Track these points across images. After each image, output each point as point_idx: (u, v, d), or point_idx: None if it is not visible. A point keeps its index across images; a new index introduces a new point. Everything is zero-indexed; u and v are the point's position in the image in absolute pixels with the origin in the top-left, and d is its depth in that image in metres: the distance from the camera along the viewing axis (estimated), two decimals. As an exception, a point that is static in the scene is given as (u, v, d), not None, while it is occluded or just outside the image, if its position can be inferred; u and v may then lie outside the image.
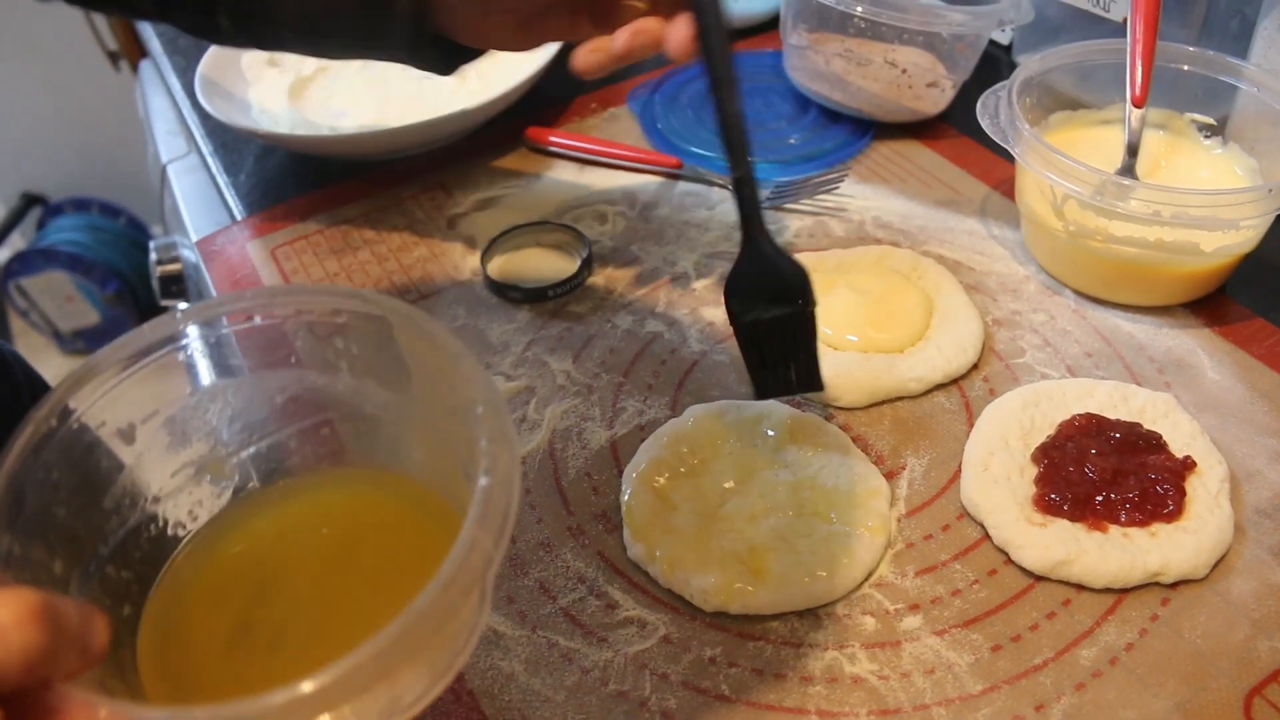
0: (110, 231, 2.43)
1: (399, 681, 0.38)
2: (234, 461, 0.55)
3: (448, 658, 0.41)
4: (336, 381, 0.54)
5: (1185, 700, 0.55)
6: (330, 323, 0.51)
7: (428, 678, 0.40)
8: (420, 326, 0.48)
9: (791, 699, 0.56)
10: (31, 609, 0.33)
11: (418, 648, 0.38)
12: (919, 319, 0.74)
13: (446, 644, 0.41)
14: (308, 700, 0.36)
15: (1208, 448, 0.65)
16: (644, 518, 0.63)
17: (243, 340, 0.51)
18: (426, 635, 0.38)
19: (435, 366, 0.48)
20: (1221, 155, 0.83)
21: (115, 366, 0.48)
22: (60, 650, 0.34)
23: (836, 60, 0.95)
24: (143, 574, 0.51)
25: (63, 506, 0.46)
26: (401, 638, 0.37)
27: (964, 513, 0.65)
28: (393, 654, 0.37)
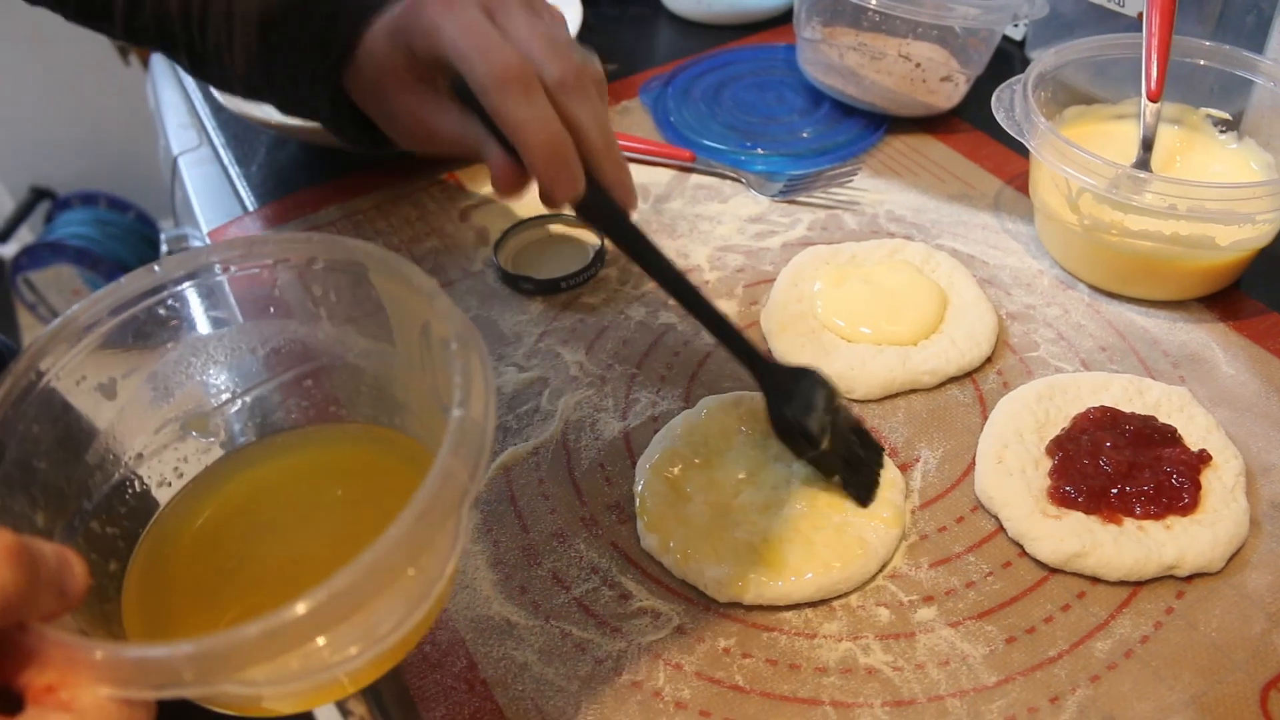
0: (118, 226, 2.43)
1: (375, 610, 0.38)
2: (218, 417, 0.55)
3: (423, 587, 0.41)
4: (317, 330, 0.54)
5: (1200, 693, 0.55)
6: (308, 269, 0.51)
7: (403, 607, 0.40)
8: (393, 267, 0.48)
9: (806, 690, 0.56)
10: (5, 548, 0.33)
11: (393, 575, 0.37)
12: (932, 312, 0.74)
13: (422, 573, 0.41)
14: (284, 628, 0.35)
15: (1223, 441, 0.65)
16: (657, 508, 0.63)
17: (222, 292, 0.51)
18: (402, 563, 0.38)
19: (411, 307, 0.48)
20: (1237, 150, 0.83)
21: (95, 320, 0.48)
22: (36, 590, 0.34)
23: (850, 54, 0.94)
24: (128, 530, 0.51)
25: (44, 459, 0.46)
26: (376, 565, 0.37)
27: (978, 505, 0.65)
28: (368, 581, 0.36)
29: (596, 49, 1.10)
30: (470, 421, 0.41)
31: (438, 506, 0.38)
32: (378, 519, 0.49)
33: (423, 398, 0.51)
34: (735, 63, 1.09)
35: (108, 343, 0.49)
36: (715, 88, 1.05)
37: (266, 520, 0.53)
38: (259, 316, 0.53)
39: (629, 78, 1.07)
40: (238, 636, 0.35)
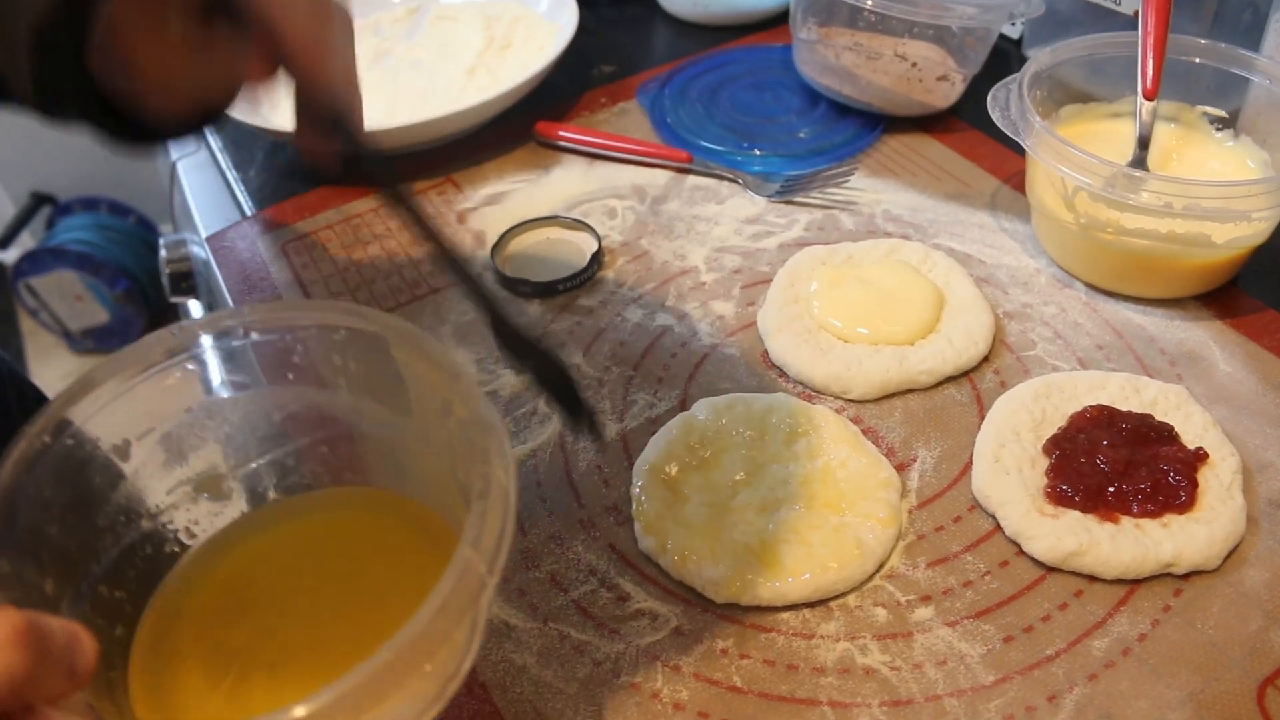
0: (119, 230, 2.43)
1: (389, 708, 0.38)
2: (231, 480, 0.54)
3: (439, 685, 0.40)
4: (335, 399, 0.53)
5: (1198, 690, 0.55)
6: (328, 339, 0.50)
7: (419, 704, 0.40)
8: (417, 344, 0.48)
9: (803, 690, 0.56)
10: (14, 630, 0.33)
11: (408, 673, 0.37)
12: (929, 311, 0.74)
13: (438, 670, 0.40)
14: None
15: (1220, 439, 0.65)
16: (655, 510, 0.63)
17: (241, 357, 0.51)
18: (418, 661, 0.37)
19: (433, 384, 0.48)
20: (1233, 148, 0.83)
21: (112, 381, 0.47)
22: (45, 672, 0.34)
23: (846, 54, 0.94)
24: (136, 594, 0.50)
25: (55, 524, 0.46)
26: (392, 663, 0.36)
27: (975, 504, 0.65)
28: (383, 680, 0.36)
29: (593, 50, 1.10)
30: (490, 513, 0.40)
31: (454, 602, 0.38)
32: (394, 592, 0.49)
33: (439, 472, 0.50)
34: (732, 63, 1.09)
35: (124, 403, 0.48)
36: (712, 89, 1.05)
37: (277, 590, 0.52)
38: (277, 383, 0.53)
39: (626, 79, 1.07)
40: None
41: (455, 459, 0.47)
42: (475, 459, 0.42)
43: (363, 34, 1.10)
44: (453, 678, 0.41)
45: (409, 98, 1.01)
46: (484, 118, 0.95)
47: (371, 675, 0.36)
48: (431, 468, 0.52)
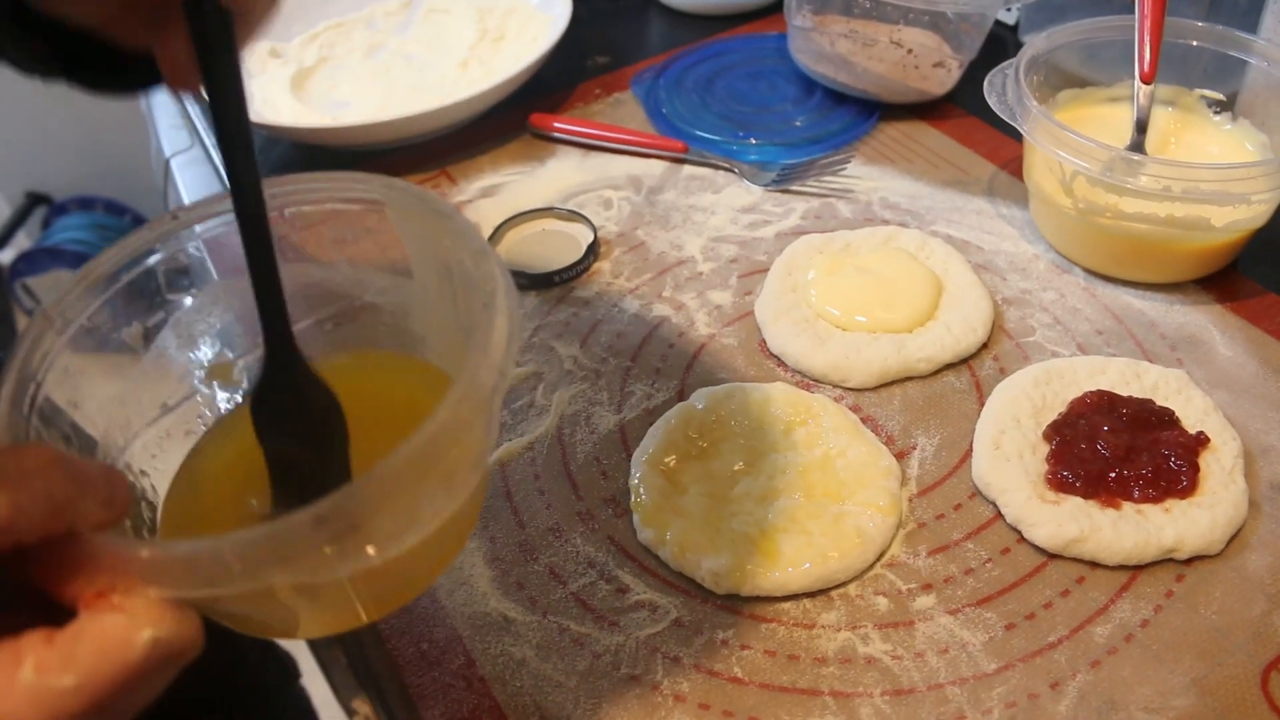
0: (115, 230, 2.42)
1: (421, 493, 0.39)
2: (240, 365, 0.54)
3: (463, 474, 0.42)
4: (335, 272, 0.54)
5: (1201, 676, 0.55)
6: (325, 212, 0.50)
7: (443, 495, 0.41)
8: (411, 198, 0.48)
9: (805, 680, 0.56)
10: (51, 455, 0.34)
11: (438, 455, 0.39)
12: (927, 299, 0.74)
13: (461, 459, 0.41)
14: (331, 516, 0.36)
15: (1221, 423, 0.65)
16: (654, 501, 0.63)
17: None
18: (445, 443, 0.39)
19: (432, 239, 0.49)
20: (1231, 131, 0.83)
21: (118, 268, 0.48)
22: (83, 496, 0.34)
23: (841, 41, 0.94)
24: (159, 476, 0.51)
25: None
26: (422, 445, 0.38)
27: (975, 491, 0.64)
28: (411, 467, 0.38)
29: (587, 41, 1.10)
30: (498, 319, 0.42)
31: (474, 393, 0.40)
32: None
33: (443, 326, 0.51)
34: (727, 53, 1.09)
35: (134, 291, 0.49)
36: (707, 78, 1.04)
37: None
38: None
39: (621, 69, 1.07)
40: (287, 523, 0.35)
41: (458, 307, 0.48)
42: (477, 290, 0.44)
43: (356, 27, 1.10)
44: (474, 468, 0.42)
45: (402, 91, 1.01)
46: (478, 110, 0.95)
47: (400, 464, 0.37)
48: (435, 324, 0.53)
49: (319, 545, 0.36)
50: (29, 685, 0.32)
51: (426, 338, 0.54)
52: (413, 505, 0.39)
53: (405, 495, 0.38)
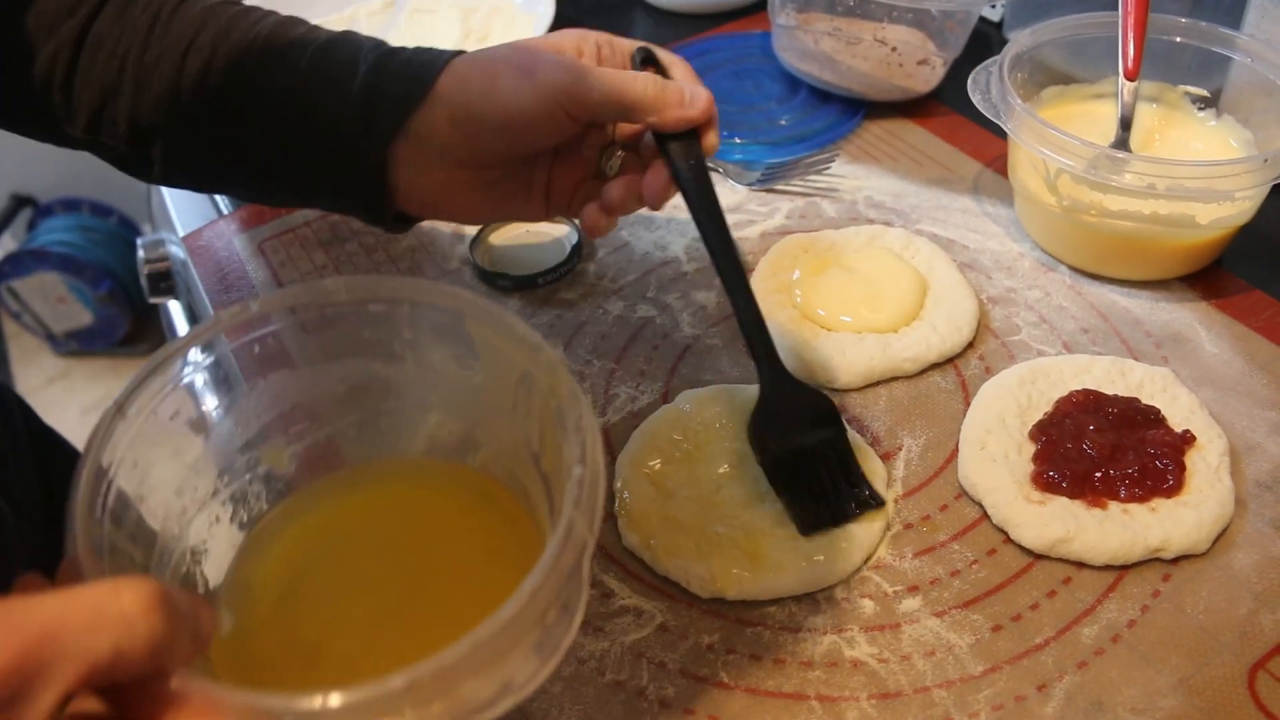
0: (101, 231, 2.41)
1: (513, 659, 0.39)
2: (291, 452, 0.55)
3: (555, 639, 0.41)
4: (400, 372, 0.54)
5: (1189, 676, 0.55)
6: (400, 312, 0.51)
7: (536, 660, 0.41)
8: (494, 317, 0.49)
9: (791, 684, 0.56)
10: (154, 595, 0.34)
11: (530, 628, 0.39)
12: (913, 298, 0.74)
13: (554, 626, 0.41)
14: (434, 676, 0.36)
15: (1207, 421, 0.65)
16: (638, 505, 0.62)
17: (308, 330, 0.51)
18: (538, 615, 0.39)
19: (509, 357, 0.49)
20: (1215, 127, 0.83)
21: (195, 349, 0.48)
22: (178, 637, 0.35)
23: (826, 39, 0.94)
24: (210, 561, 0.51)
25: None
26: (518, 616, 0.38)
27: (962, 492, 0.64)
28: (510, 633, 0.38)
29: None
30: (589, 477, 0.42)
31: (567, 556, 0.40)
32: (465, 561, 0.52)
33: (510, 441, 0.52)
34: (711, 51, 1.08)
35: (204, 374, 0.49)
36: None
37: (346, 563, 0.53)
38: (344, 355, 0.53)
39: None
40: (384, 687, 0.35)
41: (531, 428, 0.50)
42: (566, 428, 0.44)
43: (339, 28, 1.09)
44: (566, 633, 0.42)
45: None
46: (461, 111, 0.94)
47: (499, 626, 0.37)
48: (501, 437, 0.53)
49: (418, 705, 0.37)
50: None
51: (488, 446, 0.55)
52: (507, 670, 0.39)
53: (500, 661, 0.38)
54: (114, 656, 0.33)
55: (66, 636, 0.32)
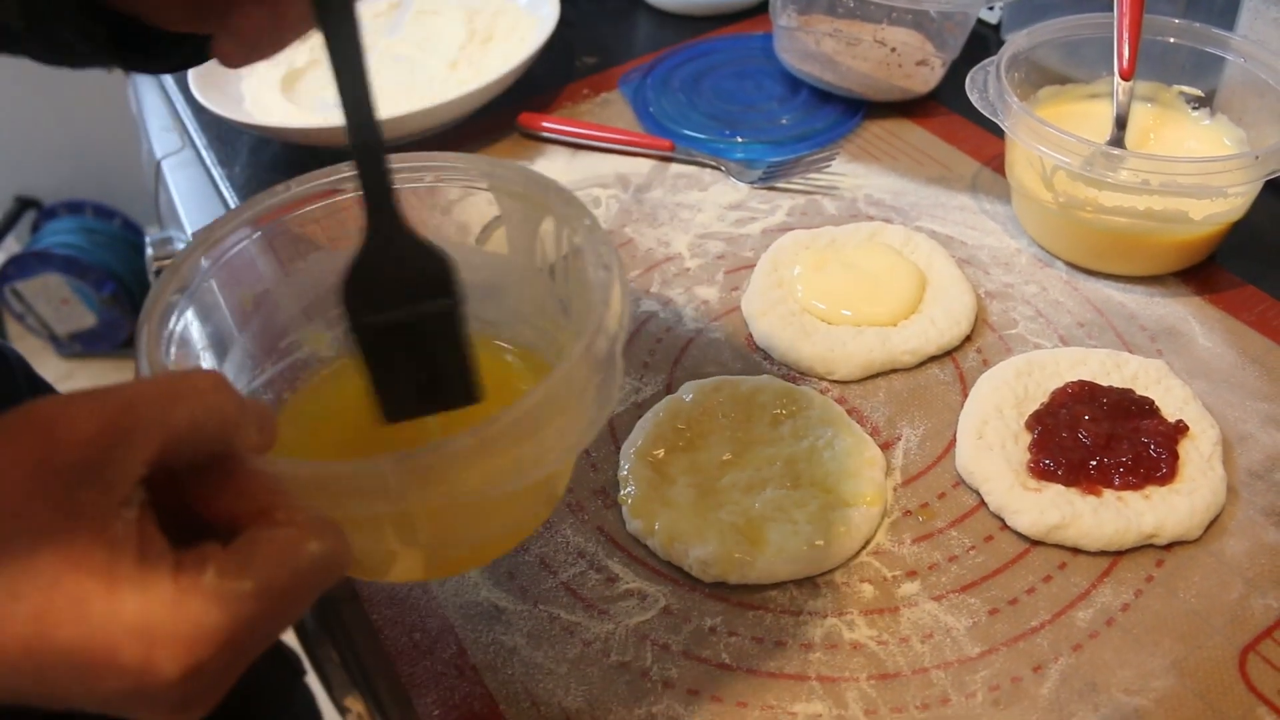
0: (105, 233, 2.42)
1: (565, 422, 0.43)
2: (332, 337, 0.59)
3: (599, 406, 0.45)
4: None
5: (1181, 658, 0.56)
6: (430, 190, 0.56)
7: (586, 418, 0.45)
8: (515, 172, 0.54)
9: (792, 666, 0.57)
10: (219, 379, 0.37)
11: (582, 388, 0.44)
12: (911, 292, 0.75)
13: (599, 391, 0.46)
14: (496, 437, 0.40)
15: (1200, 412, 0.66)
16: (642, 492, 0.64)
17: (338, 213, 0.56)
18: (588, 375, 0.44)
19: (531, 209, 0.54)
20: (1210, 126, 0.84)
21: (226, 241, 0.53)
22: (245, 419, 0.37)
23: (826, 41, 0.95)
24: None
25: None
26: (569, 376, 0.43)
27: (959, 481, 0.65)
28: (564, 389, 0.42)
29: (575, 42, 1.11)
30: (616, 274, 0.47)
31: (600, 340, 0.45)
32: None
33: (537, 296, 0.56)
34: (713, 52, 1.10)
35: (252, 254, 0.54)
36: (694, 78, 1.05)
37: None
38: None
39: (608, 70, 1.07)
40: (444, 447, 0.39)
41: (556, 274, 0.54)
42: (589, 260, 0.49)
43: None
44: (608, 403, 0.46)
45: (392, 92, 1.02)
46: (467, 110, 0.96)
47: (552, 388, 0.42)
48: (528, 296, 0.57)
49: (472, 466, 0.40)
50: (213, 587, 0.34)
51: (518, 313, 0.59)
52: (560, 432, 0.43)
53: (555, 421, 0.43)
54: (190, 426, 0.35)
55: (145, 407, 0.35)
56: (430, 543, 0.50)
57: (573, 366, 0.43)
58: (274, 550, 0.36)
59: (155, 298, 0.47)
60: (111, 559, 0.33)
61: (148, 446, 0.34)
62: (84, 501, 0.33)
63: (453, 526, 0.49)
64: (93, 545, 0.33)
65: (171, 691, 0.34)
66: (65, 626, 0.32)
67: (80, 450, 0.33)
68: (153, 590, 0.33)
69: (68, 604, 0.32)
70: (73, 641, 0.32)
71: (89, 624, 0.32)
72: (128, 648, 0.33)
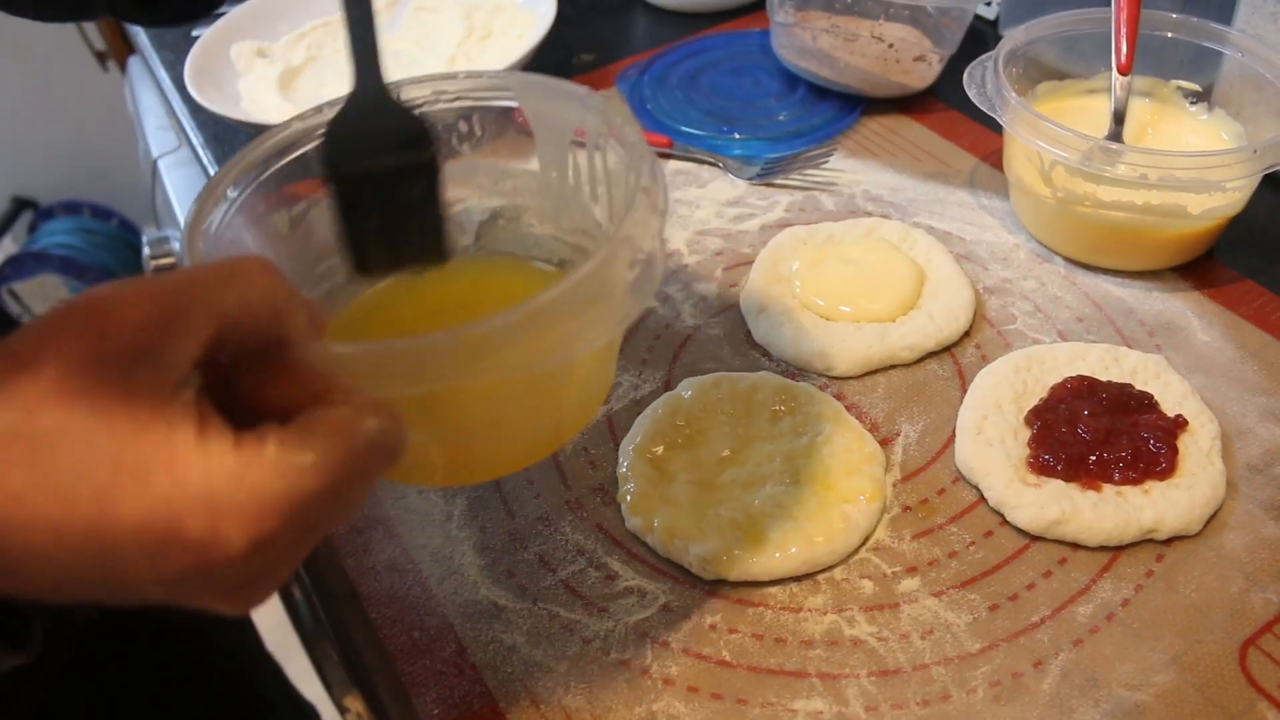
0: (102, 234, 2.42)
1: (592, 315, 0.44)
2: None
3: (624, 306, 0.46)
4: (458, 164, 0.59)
5: (1181, 653, 0.56)
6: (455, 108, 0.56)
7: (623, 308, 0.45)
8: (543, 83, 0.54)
9: (792, 662, 0.57)
10: (267, 263, 0.37)
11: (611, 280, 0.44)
12: (910, 288, 0.75)
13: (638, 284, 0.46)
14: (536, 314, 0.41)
15: (1199, 406, 0.66)
16: (641, 489, 0.64)
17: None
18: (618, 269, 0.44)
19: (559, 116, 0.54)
20: (1207, 121, 0.84)
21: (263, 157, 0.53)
22: (295, 304, 0.38)
23: (823, 36, 0.95)
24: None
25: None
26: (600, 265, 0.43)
27: (959, 476, 0.65)
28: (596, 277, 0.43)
29: (573, 39, 1.11)
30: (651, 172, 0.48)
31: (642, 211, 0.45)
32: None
33: (569, 211, 0.57)
34: (711, 49, 1.10)
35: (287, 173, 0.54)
36: (691, 74, 1.05)
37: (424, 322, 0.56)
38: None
39: (606, 67, 1.07)
40: (497, 320, 0.40)
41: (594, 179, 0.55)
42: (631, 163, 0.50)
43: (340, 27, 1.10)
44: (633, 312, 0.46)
45: (389, 89, 1.01)
46: (464, 107, 0.95)
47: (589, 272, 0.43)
48: (562, 212, 0.58)
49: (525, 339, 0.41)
50: (274, 458, 0.34)
51: (544, 231, 0.60)
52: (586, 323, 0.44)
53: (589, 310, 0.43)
54: (241, 308, 0.36)
55: (197, 290, 0.35)
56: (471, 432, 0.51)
57: (612, 251, 0.43)
58: (333, 426, 0.36)
59: (194, 218, 0.48)
60: (171, 434, 0.33)
61: (202, 329, 0.35)
62: (141, 382, 0.33)
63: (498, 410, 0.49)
64: (152, 422, 0.33)
65: (235, 566, 0.34)
66: (128, 501, 0.32)
67: (135, 334, 0.34)
68: (215, 462, 0.33)
69: (130, 480, 0.32)
70: (137, 516, 0.32)
71: (152, 498, 0.33)
72: (192, 519, 0.33)
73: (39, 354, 0.33)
